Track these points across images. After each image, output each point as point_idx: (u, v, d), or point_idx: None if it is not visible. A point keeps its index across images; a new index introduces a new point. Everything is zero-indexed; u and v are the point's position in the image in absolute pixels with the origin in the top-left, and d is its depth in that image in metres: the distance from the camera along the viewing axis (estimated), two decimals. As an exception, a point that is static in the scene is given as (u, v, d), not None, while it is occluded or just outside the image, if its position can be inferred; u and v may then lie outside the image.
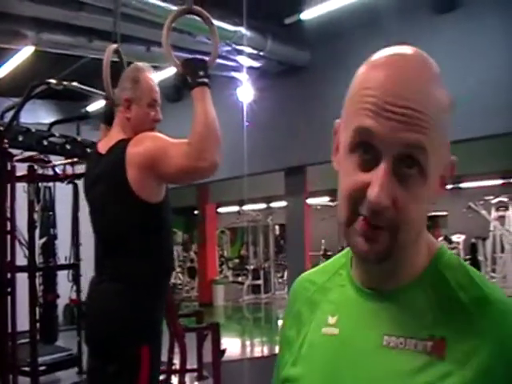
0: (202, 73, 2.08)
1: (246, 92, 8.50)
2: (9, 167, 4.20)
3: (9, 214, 4.21)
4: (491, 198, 12.34)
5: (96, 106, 10.00)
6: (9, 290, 4.14)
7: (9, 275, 4.25)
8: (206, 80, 2.09)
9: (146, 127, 2.25)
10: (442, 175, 0.79)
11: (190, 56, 2.25)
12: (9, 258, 4.24)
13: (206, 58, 2.19)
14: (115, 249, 2.18)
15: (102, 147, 2.27)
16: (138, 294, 2.11)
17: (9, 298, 4.21)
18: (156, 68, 2.42)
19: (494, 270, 12.29)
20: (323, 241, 17.70)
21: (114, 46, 2.76)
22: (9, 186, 4.24)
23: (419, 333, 0.75)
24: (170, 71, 7.53)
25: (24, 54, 7.63)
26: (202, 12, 2.24)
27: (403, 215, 0.73)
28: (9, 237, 4.22)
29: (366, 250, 0.75)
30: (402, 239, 0.74)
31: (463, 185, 13.13)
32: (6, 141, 4.17)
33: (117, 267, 2.16)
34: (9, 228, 4.19)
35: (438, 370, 0.72)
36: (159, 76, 7.21)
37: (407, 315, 0.77)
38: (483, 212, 12.14)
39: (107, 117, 2.46)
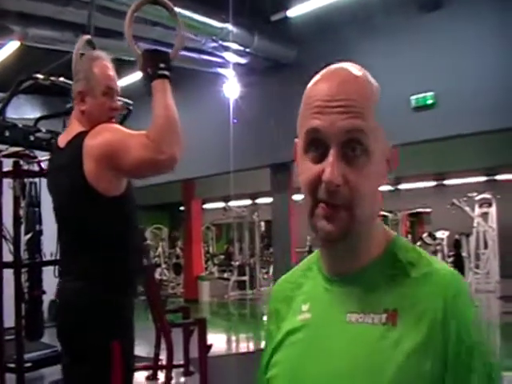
0: (162, 65, 2.03)
1: (232, 88, 8.50)
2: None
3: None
4: (475, 194, 12.47)
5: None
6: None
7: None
8: (166, 72, 2.04)
9: (103, 118, 2.16)
10: (387, 159, 0.91)
11: (152, 47, 2.21)
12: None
13: (169, 51, 2.12)
14: (77, 245, 2.12)
15: (61, 141, 2.21)
16: (102, 291, 2.07)
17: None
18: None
19: (477, 266, 12.44)
20: (309, 237, 17.77)
21: (87, 36, 2.68)
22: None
23: (376, 308, 0.86)
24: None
25: (10, 48, 7.57)
26: (166, 2, 2.15)
27: (355, 191, 0.85)
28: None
29: (328, 230, 0.85)
30: (358, 215, 0.85)
31: (447, 182, 13.25)
32: None
33: (81, 264, 2.09)
34: None
35: (392, 337, 0.83)
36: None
37: (366, 294, 0.89)
38: (467, 208, 12.27)
39: None
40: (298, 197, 12.78)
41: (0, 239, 4.24)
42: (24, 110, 9.61)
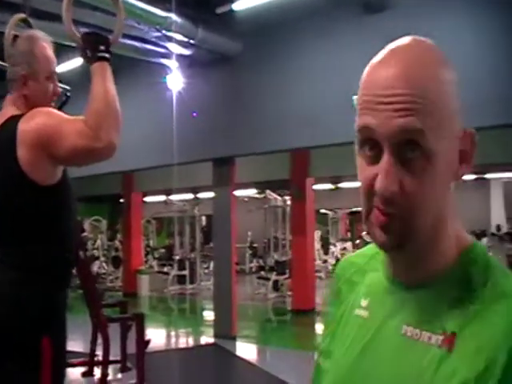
0: (102, 47, 1.99)
1: (175, 80, 8.38)
2: None
3: None
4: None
5: None
6: None
7: None
8: (106, 55, 2.00)
9: (45, 102, 2.09)
10: (461, 149, 0.78)
11: (91, 30, 2.16)
12: None
13: (110, 36, 2.08)
14: (10, 234, 2.01)
15: None
16: (35, 283, 1.97)
17: None
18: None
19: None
20: (249, 233, 17.86)
21: (21, 15, 2.55)
22: None
23: (434, 326, 0.77)
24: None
25: None
26: None
27: (413, 200, 0.74)
28: None
29: (382, 240, 0.77)
30: (416, 225, 0.75)
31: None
32: None
33: (13, 254, 1.99)
34: None
35: (447, 365, 0.73)
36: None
37: (427, 309, 0.80)
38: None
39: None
40: (239, 192, 12.78)
41: None
42: None
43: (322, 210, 17.99)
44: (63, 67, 7.67)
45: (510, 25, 5.62)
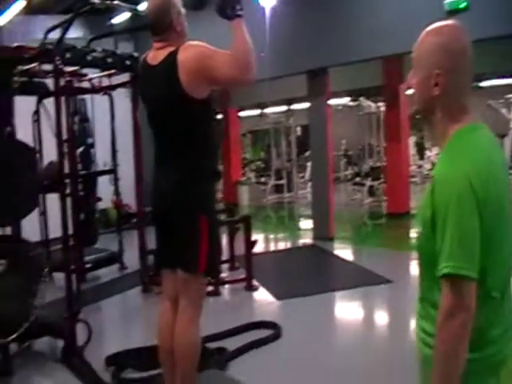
0: (238, 6, 2.54)
1: (268, -4, 8.50)
2: (62, 83, 4.43)
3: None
4: (511, 96, 12.33)
5: (120, 19, 10.13)
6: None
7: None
8: (241, 13, 2.55)
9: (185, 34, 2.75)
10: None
11: None
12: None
13: None
14: (173, 143, 2.72)
15: (152, 59, 2.73)
16: (194, 180, 2.69)
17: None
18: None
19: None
20: (344, 141, 17.96)
21: None
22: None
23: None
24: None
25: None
26: None
27: None
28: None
29: None
30: None
31: (483, 84, 13.07)
32: (57, 58, 4.42)
33: (178, 158, 2.70)
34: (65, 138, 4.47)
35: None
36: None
37: None
38: (503, 110, 12.20)
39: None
40: (333, 101, 12.85)
41: (62, 154, 4.50)
42: (33, 32, 9.88)
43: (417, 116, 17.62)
44: None
45: None
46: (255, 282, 6.08)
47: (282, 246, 9.61)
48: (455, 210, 1.32)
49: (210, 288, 5.98)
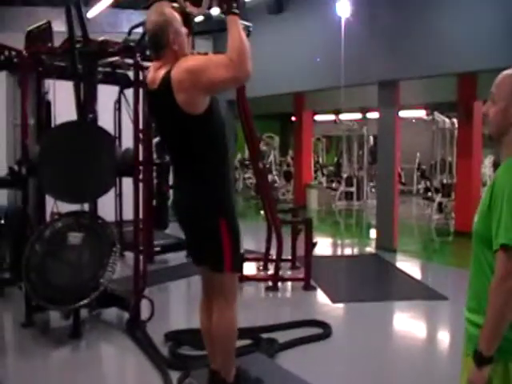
0: (234, 4, 2.57)
1: (343, 6, 8.67)
2: (141, 77, 4.75)
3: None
4: None
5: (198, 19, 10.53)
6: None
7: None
8: (237, 11, 2.57)
9: (186, 51, 2.76)
10: None
11: None
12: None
13: None
14: (185, 155, 2.80)
15: (152, 83, 2.74)
16: (209, 189, 2.76)
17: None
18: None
19: None
20: (418, 154, 17.65)
21: None
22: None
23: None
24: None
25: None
26: None
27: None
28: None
29: None
30: None
31: None
32: (138, 55, 4.77)
33: (191, 170, 2.79)
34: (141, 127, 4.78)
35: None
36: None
37: None
38: None
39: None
40: (407, 113, 12.70)
41: (137, 142, 4.77)
42: (119, 24, 10.48)
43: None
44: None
45: None
46: (313, 283, 6.25)
47: (344, 251, 9.70)
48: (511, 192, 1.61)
49: (270, 283, 6.24)
